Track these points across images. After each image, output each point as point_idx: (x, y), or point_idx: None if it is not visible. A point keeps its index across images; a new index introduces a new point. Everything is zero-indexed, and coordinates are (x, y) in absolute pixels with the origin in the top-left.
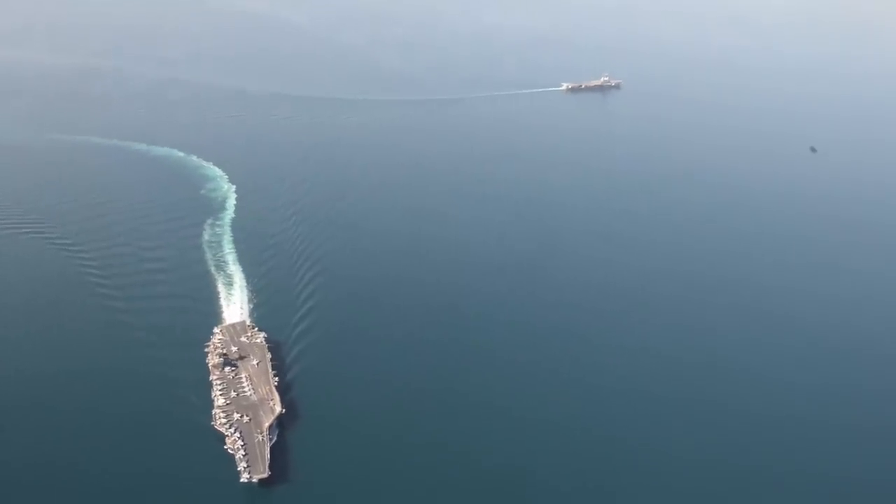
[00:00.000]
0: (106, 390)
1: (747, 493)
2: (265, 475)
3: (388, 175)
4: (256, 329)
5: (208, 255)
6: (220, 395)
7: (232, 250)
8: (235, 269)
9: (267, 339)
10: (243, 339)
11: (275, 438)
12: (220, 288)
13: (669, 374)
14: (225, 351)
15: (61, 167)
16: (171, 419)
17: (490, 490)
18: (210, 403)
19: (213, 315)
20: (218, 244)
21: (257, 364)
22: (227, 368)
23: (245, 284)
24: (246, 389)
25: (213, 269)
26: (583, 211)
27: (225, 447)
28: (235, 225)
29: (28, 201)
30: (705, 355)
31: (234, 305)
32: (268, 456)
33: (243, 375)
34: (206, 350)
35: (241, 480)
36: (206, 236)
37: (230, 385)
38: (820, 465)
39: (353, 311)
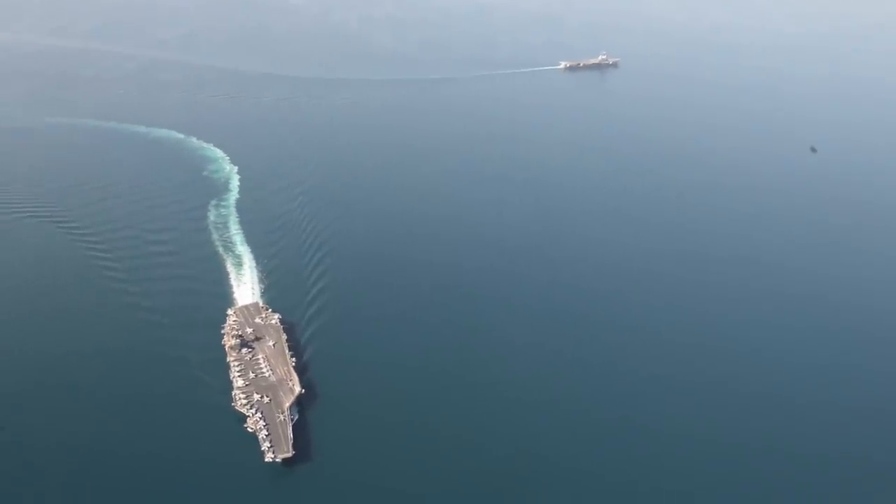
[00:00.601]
0: (122, 372)
1: (769, 478)
2: (289, 454)
3: (389, 154)
4: (270, 310)
5: (215, 237)
6: (239, 376)
7: (239, 231)
8: (244, 250)
9: (281, 320)
10: (258, 320)
11: (295, 418)
12: (230, 269)
13: (664, 352)
14: (240, 332)
15: (61, 150)
16: (190, 400)
17: (506, 469)
18: (228, 385)
19: (224, 297)
20: (224, 225)
21: (273, 345)
22: (244, 350)
23: (254, 265)
24: (264, 370)
25: (221, 250)
26: (586, 189)
27: (246, 427)
28: (240, 206)
29: (30, 185)
30: (708, 337)
31: (245, 286)
32: (291, 435)
33: (260, 356)
34: (222, 331)
35: (266, 460)
36: (211, 217)
37: (248, 366)
38: (835, 447)
39: (363, 291)
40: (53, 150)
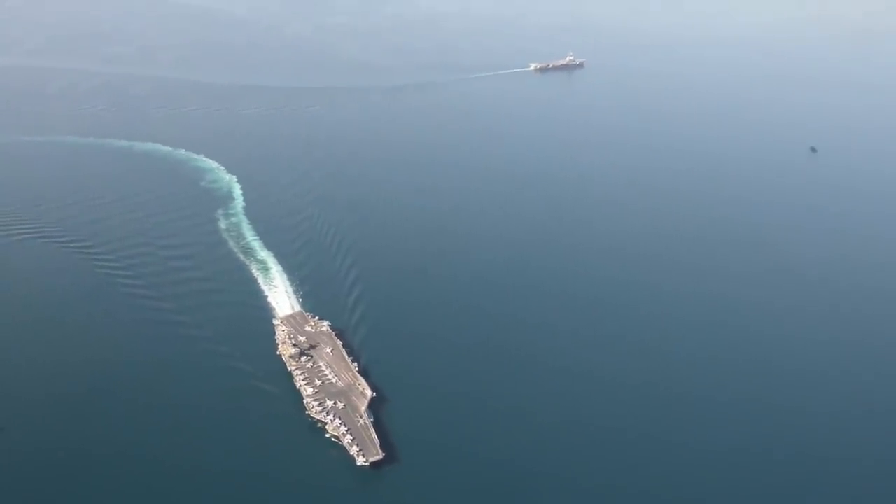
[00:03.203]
0: (184, 388)
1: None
2: (380, 457)
3: (385, 157)
4: (317, 318)
5: (233, 246)
6: (305, 384)
7: (255, 238)
8: (267, 257)
9: (331, 327)
10: (307, 328)
11: (372, 420)
12: (259, 278)
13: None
14: (295, 342)
15: (46, 168)
16: (261, 412)
17: (585, 447)
18: (294, 393)
19: (260, 307)
20: (238, 233)
21: (331, 351)
22: (303, 358)
23: (283, 273)
24: (329, 376)
25: (243, 258)
26: (586, 185)
27: (326, 434)
28: (249, 214)
29: (27, 205)
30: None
31: (280, 295)
32: (376, 438)
33: (321, 363)
34: (277, 341)
35: (358, 464)
36: (223, 226)
37: (312, 374)
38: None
39: (399, 292)
40: (38, 169)
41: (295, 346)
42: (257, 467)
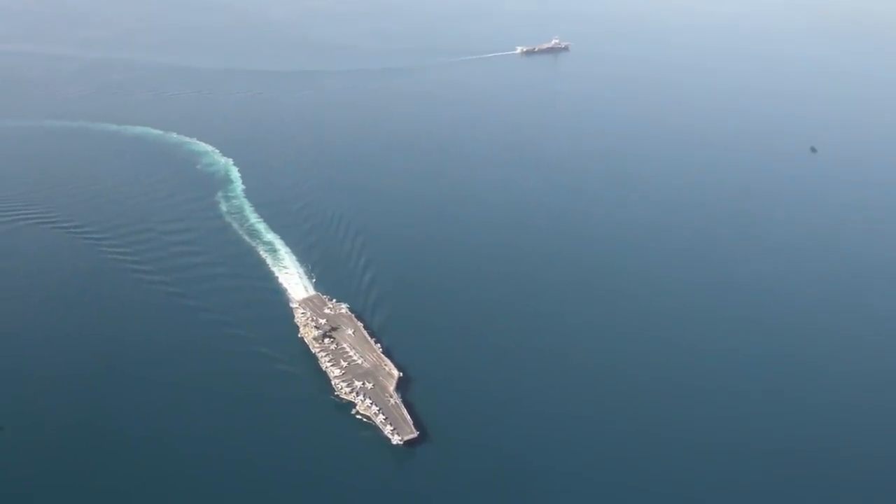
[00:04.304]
0: (210, 374)
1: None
2: (414, 435)
3: (383, 139)
4: (335, 301)
5: (237, 228)
6: (331, 365)
7: (259, 220)
8: (273, 238)
9: (350, 309)
10: (327, 310)
11: (401, 400)
12: (267, 259)
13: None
14: (316, 324)
15: (38, 152)
16: (289, 395)
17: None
18: (321, 375)
19: (273, 290)
20: (240, 216)
21: (353, 333)
22: (326, 340)
23: (290, 253)
24: (355, 358)
25: (249, 240)
26: (576, 169)
27: (355, 414)
28: (250, 196)
29: (24, 190)
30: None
31: (292, 276)
32: (409, 417)
33: (345, 345)
34: (297, 324)
35: (394, 443)
36: (224, 208)
37: (336, 355)
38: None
39: (413, 272)
40: (30, 153)
41: (317, 328)
42: (291, 449)
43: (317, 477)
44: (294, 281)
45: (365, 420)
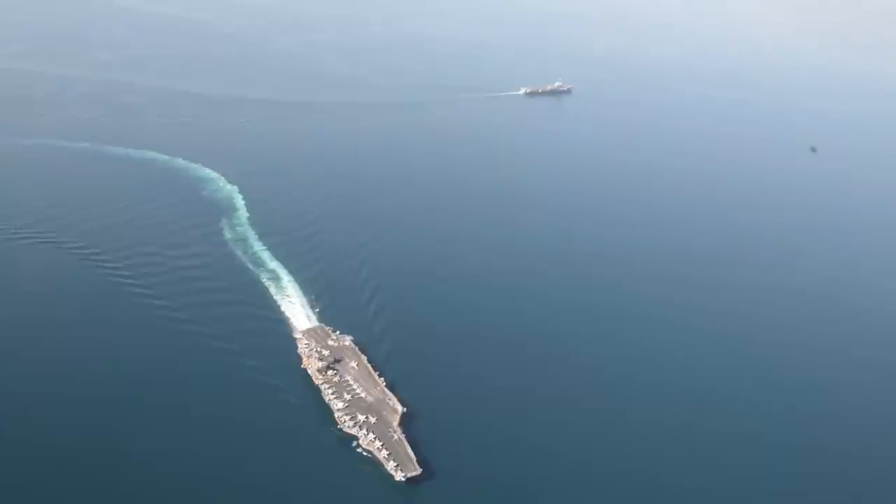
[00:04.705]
0: (212, 400)
1: None
2: (417, 472)
3: (383, 171)
4: (339, 332)
5: (241, 255)
6: (335, 398)
7: (263, 248)
8: (276, 267)
9: (354, 342)
10: (330, 342)
11: (405, 436)
12: (271, 288)
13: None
14: (319, 356)
15: (45, 174)
16: (291, 426)
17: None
18: (323, 407)
19: (276, 320)
20: (244, 243)
21: (357, 366)
22: (330, 372)
23: (293, 282)
24: (358, 391)
25: (253, 268)
26: (581, 199)
27: (358, 448)
28: (254, 224)
29: (28, 210)
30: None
31: (295, 306)
32: (412, 454)
33: (349, 378)
34: (300, 354)
35: (397, 479)
36: (228, 235)
37: (340, 388)
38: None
39: (417, 305)
40: (35, 173)
41: (321, 359)
42: (291, 481)
43: None
44: (297, 311)
45: (367, 455)
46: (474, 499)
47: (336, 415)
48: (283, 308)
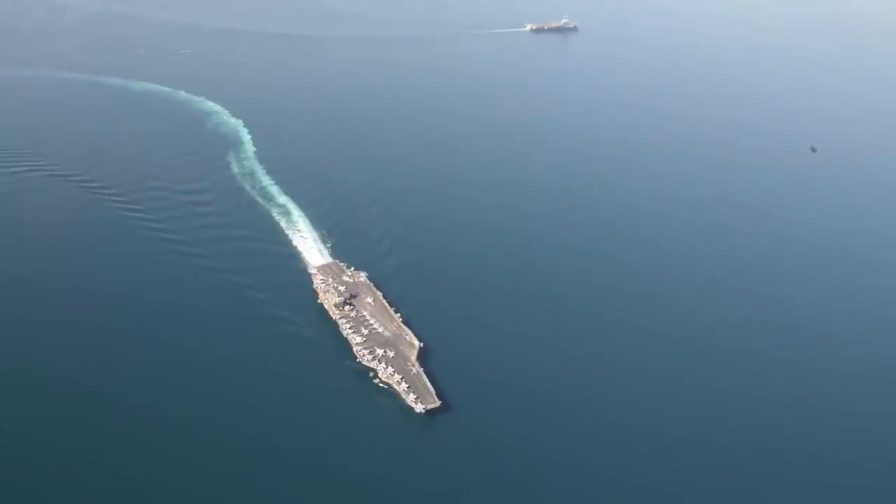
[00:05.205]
0: (230, 335)
1: None
2: (437, 404)
3: (387, 107)
4: (353, 268)
5: (250, 190)
6: (352, 332)
7: (272, 183)
8: (286, 202)
9: (369, 278)
10: (345, 278)
11: (423, 369)
12: (281, 223)
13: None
14: (337, 291)
15: (44, 105)
16: (309, 360)
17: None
18: (340, 341)
19: (290, 255)
20: (252, 178)
21: (373, 301)
22: (347, 307)
23: (304, 218)
24: (375, 326)
25: (263, 203)
26: (585, 149)
27: (376, 381)
28: (261, 159)
29: (30, 141)
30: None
31: (308, 242)
32: (430, 386)
33: (365, 313)
34: (316, 290)
35: (417, 411)
36: (235, 169)
37: (357, 323)
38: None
39: (429, 242)
40: (34, 104)
41: (338, 294)
42: (312, 414)
43: (341, 441)
44: (309, 246)
45: (386, 388)
46: (493, 430)
47: (354, 349)
48: (295, 243)
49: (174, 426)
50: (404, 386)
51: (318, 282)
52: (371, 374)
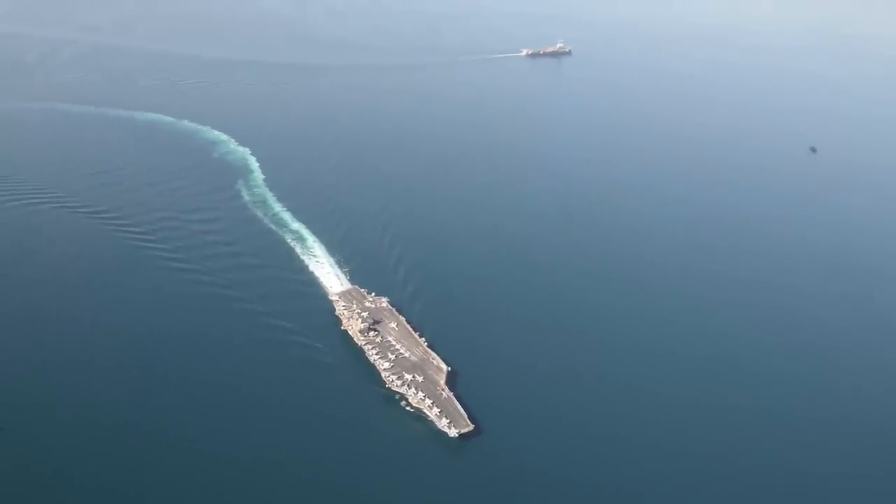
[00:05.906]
0: (256, 364)
1: None
2: (470, 428)
3: (392, 133)
4: (374, 294)
5: (262, 218)
6: (379, 358)
7: (284, 210)
8: (300, 228)
9: (390, 303)
10: (367, 303)
11: (453, 393)
12: (297, 249)
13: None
14: (361, 317)
15: (51, 137)
16: (337, 387)
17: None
18: (367, 367)
19: (309, 282)
20: (264, 205)
21: (396, 326)
22: (372, 333)
23: (319, 244)
24: (402, 351)
25: (276, 230)
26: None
27: (406, 407)
28: (271, 186)
29: (39, 173)
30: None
31: (325, 268)
32: (462, 410)
33: (390, 338)
34: (339, 316)
35: (451, 436)
36: (246, 197)
37: (383, 348)
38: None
39: (448, 265)
40: (41, 136)
41: (362, 321)
42: (345, 441)
43: (377, 467)
44: (326, 272)
45: (416, 413)
46: (527, 453)
47: (382, 374)
48: (312, 269)
49: (206, 457)
50: (436, 410)
51: (340, 308)
52: (400, 398)
